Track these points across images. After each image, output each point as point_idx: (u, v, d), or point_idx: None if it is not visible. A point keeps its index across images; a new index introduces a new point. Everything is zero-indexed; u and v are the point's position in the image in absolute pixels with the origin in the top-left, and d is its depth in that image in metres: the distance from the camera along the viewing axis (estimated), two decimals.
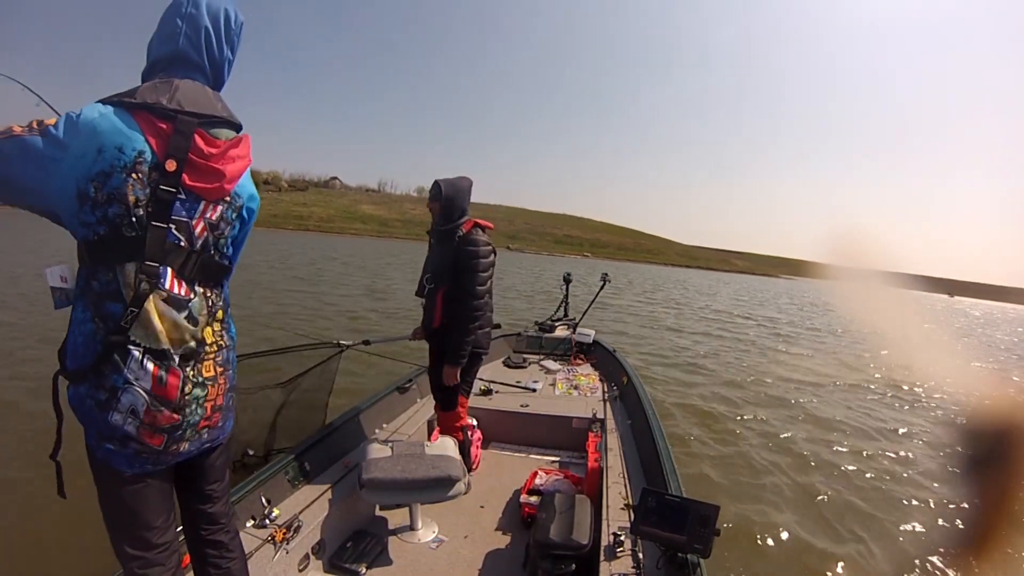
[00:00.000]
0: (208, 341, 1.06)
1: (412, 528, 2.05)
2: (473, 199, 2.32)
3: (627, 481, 2.08)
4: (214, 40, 1.03)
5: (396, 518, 2.14)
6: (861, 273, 0.57)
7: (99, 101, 0.94)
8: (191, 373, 1.02)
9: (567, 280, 5.25)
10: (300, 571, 1.70)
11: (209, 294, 1.06)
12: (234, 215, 1.09)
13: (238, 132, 1.09)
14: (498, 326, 2.85)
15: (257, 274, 13.44)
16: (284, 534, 1.67)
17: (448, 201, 2.22)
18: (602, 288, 5.08)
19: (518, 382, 3.44)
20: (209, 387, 1.06)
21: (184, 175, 0.96)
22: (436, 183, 2.27)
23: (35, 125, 0.90)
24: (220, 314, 1.11)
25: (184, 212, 0.99)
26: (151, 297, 0.95)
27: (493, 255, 2.26)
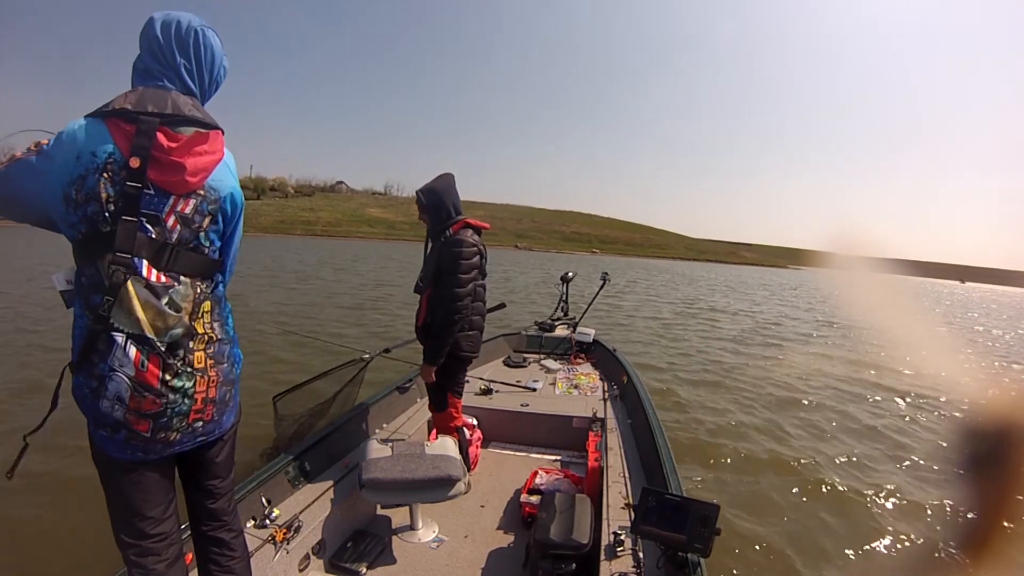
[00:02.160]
0: (198, 332, 1.11)
1: (412, 528, 2.06)
2: (480, 198, 2.33)
3: (627, 480, 2.08)
4: (165, 49, 1.10)
5: (396, 518, 2.14)
6: (864, 262, 0.57)
7: (85, 116, 1.04)
8: (176, 362, 1.06)
9: (565, 280, 5.25)
10: (300, 571, 1.70)
11: (196, 284, 1.10)
12: (210, 208, 1.12)
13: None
14: (503, 306, 2.77)
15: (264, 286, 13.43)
16: (284, 534, 1.67)
17: (432, 208, 2.25)
18: (602, 287, 5.08)
19: (518, 382, 3.44)
20: (198, 378, 1.10)
21: (149, 170, 1.03)
22: (417, 193, 2.29)
23: (32, 147, 1.03)
24: (208, 306, 1.14)
25: (153, 207, 1.04)
26: (129, 284, 1.00)
27: (478, 257, 2.21)
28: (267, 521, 1.69)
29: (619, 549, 1.60)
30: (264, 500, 1.75)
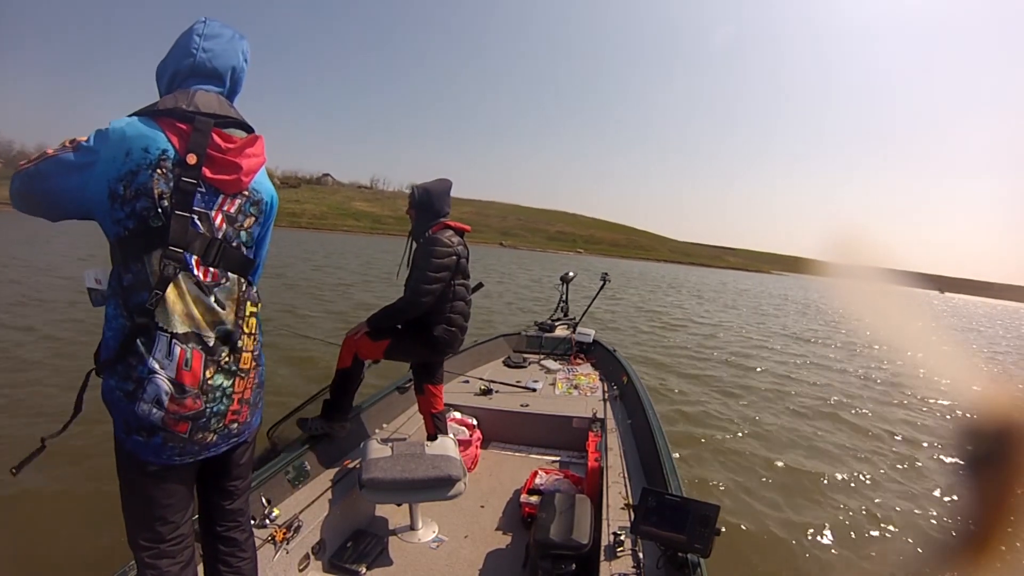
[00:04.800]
0: (246, 331, 1.13)
1: (412, 528, 2.06)
2: (467, 195, 2.35)
3: (627, 481, 2.08)
4: (213, 55, 1.13)
5: (396, 518, 2.14)
6: (860, 271, 0.57)
7: (128, 115, 1.04)
8: (223, 360, 1.07)
9: (565, 280, 5.25)
10: (300, 571, 1.70)
11: (240, 282, 1.13)
12: (253, 209, 1.16)
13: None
14: (480, 285, 2.77)
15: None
16: (284, 534, 1.67)
17: (421, 207, 2.31)
18: (602, 287, 5.09)
19: (518, 382, 3.44)
20: (238, 379, 1.11)
21: (204, 168, 1.05)
22: (412, 188, 2.36)
23: (67, 144, 1.02)
24: (250, 308, 1.16)
25: (203, 204, 1.06)
26: (179, 279, 1.01)
27: (455, 257, 2.24)
28: (267, 521, 1.68)
29: (619, 549, 1.61)
30: (264, 500, 1.75)
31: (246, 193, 1.13)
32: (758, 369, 7.56)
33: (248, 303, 1.15)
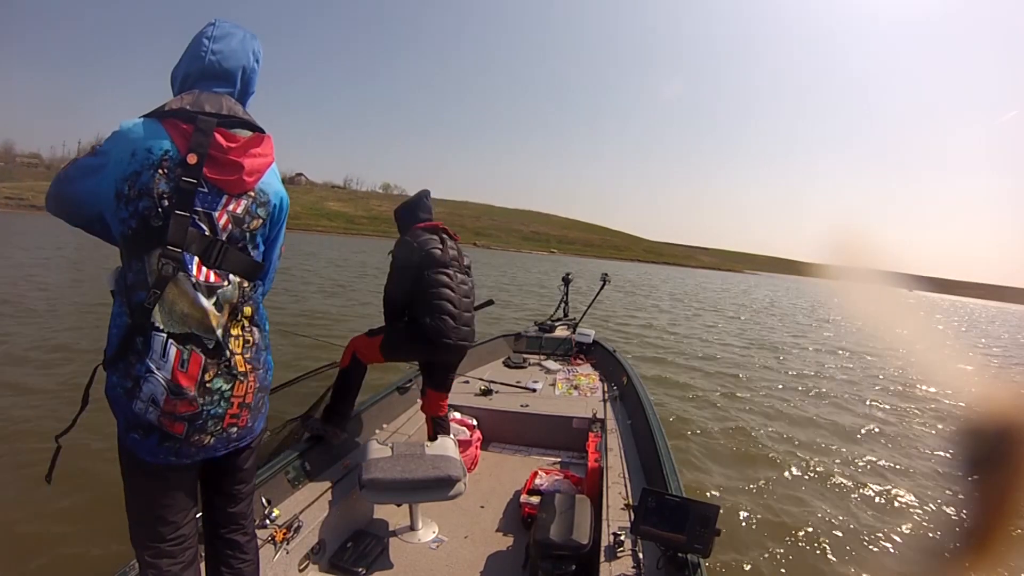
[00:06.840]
0: (241, 335, 1.11)
1: (412, 528, 2.06)
2: (442, 196, 2.43)
3: (627, 481, 2.08)
4: (222, 57, 1.14)
5: (396, 518, 2.14)
6: (859, 272, 0.57)
7: (139, 116, 1.07)
8: (220, 363, 1.06)
9: (566, 280, 5.26)
10: (300, 571, 1.69)
11: (242, 286, 1.12)
12: (260, 210, 1.15)
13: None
14: (491, 302, 2.80)
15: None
16: (284, 534, 1.67)
17: (401, 221, 2.42)
18: (602, 288, 5.10)
19: (518, 382, 3.44)
20: (237, 382, 1.10)
21: (205, 168, 1.05)
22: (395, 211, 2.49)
23: (91, 149, 1.08)
24: (249, 310, 1.14)
25: (207, 204, 1.06)
26: (177, 280, 1.01)
27: (422, 252, 2.22)
28: (267, 521, 1.68)
29: (619, 550, 1.61)
30: (264, 500, 1.75)
31: (252, 194, 1.13)
32: (754, 369, 7.56)
33: (249, 306, 1.14)
